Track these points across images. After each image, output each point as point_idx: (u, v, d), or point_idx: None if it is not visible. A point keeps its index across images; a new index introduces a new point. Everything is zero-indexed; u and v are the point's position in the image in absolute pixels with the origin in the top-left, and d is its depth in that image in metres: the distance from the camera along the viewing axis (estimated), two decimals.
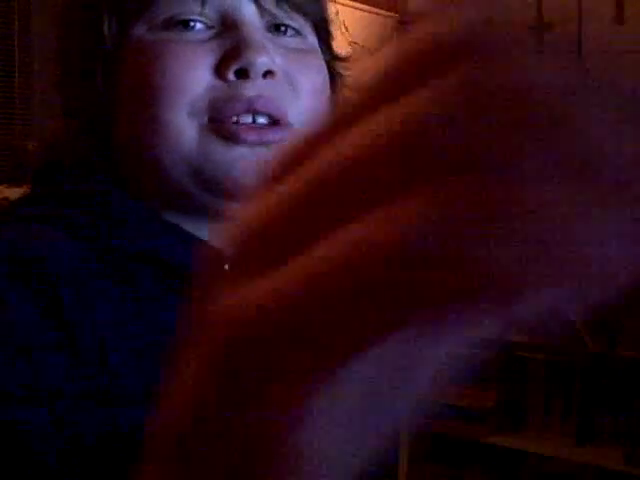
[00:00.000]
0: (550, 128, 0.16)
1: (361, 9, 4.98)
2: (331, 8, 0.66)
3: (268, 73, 0.52)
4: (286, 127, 0.53)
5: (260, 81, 0.52)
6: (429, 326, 0.16)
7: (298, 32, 0.57)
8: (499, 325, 0.17)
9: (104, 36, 0.54)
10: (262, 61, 0.52)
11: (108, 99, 0.55)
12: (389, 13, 5.21)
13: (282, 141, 0.53)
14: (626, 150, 0.16)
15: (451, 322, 0.16)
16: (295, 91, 0.55)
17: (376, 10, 5.10)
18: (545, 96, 0.16)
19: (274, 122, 0.53)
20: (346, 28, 4.80)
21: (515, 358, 2.17)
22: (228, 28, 0.53)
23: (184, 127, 0.52)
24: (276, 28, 0.56)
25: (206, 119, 0.52)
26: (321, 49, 0.60)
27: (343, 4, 4.79)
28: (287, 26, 0.56)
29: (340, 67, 0.64)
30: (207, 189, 0.54)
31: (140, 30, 0.54)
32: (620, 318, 1.93)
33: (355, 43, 4.86)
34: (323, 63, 0.59)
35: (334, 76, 0.62)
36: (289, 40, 0.56)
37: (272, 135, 0.53)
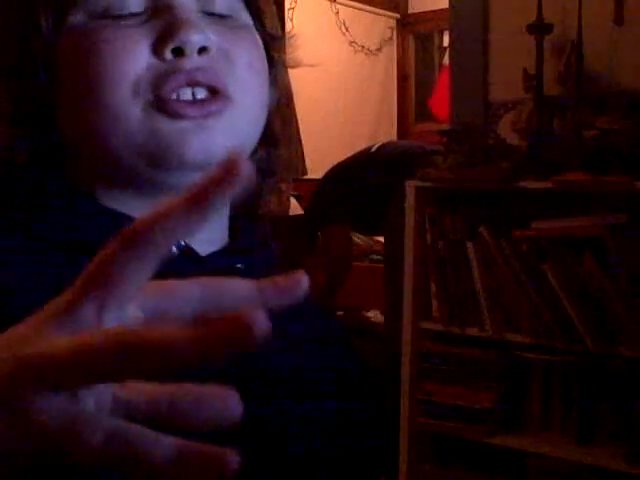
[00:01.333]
0: None
1: (361, 9, 4.98)
2: (331, 8, 0.68)
3: (203, 49, 0.55)
4: (226, 98, 0.56)
5: (196, 57, 0.54)
6: None
7: (231, 13, 0.59)
8: None
9: (41, 27, 0.56)
10: (196, 38, 0.54)
11: (50, 91, 0.57)
12: (389, 13, 5.21)
13: (223, 111, 0.55)
14: None
15: None
16: (232, 66, 0.57)
17: (376, 10, 5.10)
18: None
19: (213, 93, 0.55)
20: (346, 28, 4.80)
21: (515, 358, 2.16)
22: (161, 11, 0.55)
23: (128, 108, 0.54)
24: (209, 11, 0.58)
25: (149, 97, 0.54)
26: (255, 27, 0.62)
27: (343, 4, 4.79)
28: (221, 14, 0.58)
29: (276, 45, 0.66)
30: (154, 164, 0.55)
31: (77, 19, 0.55)
32: (620, 318, 1.93)
33: (355, 43, 4.86)
34: (258, 39, 0.61)
35: (270, 53, 0.64)
36: (223, 20, 0.58)
37: (213, 107, 0.55)
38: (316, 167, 4.55)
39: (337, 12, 4.74)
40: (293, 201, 3.99)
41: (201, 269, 0.57)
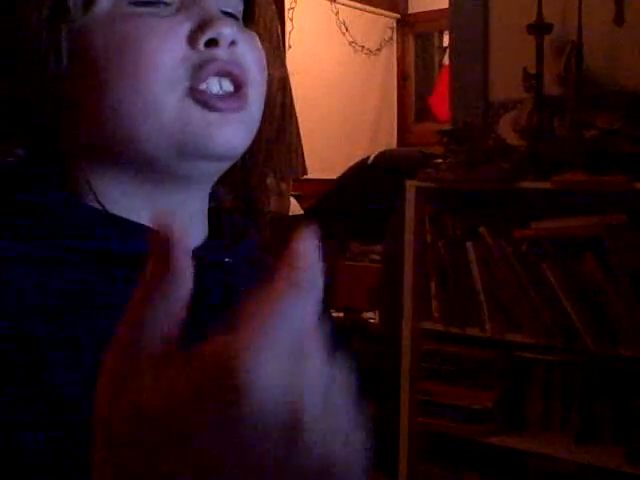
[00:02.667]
0: None
1: (361, 9, 4.98)
2: (331, 8, 0.69)
3: (232, 43, 0.58)
4: (245, 96, 0.59)
5: (227, 49, 0.57)
6: None
7: (237, 15, 0.62)
8: None
9: (69, 10, 0.55)
10: (230, 31, 0.57)
11: (64, 79, 0.56)
12: (389, 13, 5.21)
13: (242, 108, 0.59)
14: None
15: None
16: (248, 65, 0.60)
17: (376, 10, 5.10)
18: None
19: (236, 88, 0.58)
20: (346, 28, 4.79)
21: (515, 358, 2.17)
22: (189, 5, 0.57)
23: (164, 98, 0.55)
24: (225, 10, 0.61)
25: (185, 85, 0.56)
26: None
27: (343, 4, 4.79)
28: (233, 14, 0.62)
29: None
30: (182, 154, 0.57)
31: (105, 5, 0.55)
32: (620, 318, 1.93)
33: (355, 43, 4.86)
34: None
35: None
36: (234, 21, 0.61)
37: (235, 103, 0.58)
38: (316, 167, 4.54)
39: (337, 12, 4.74)
40: (293, 201, 3.99)
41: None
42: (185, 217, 0.60)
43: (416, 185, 2.22)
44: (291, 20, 4.35)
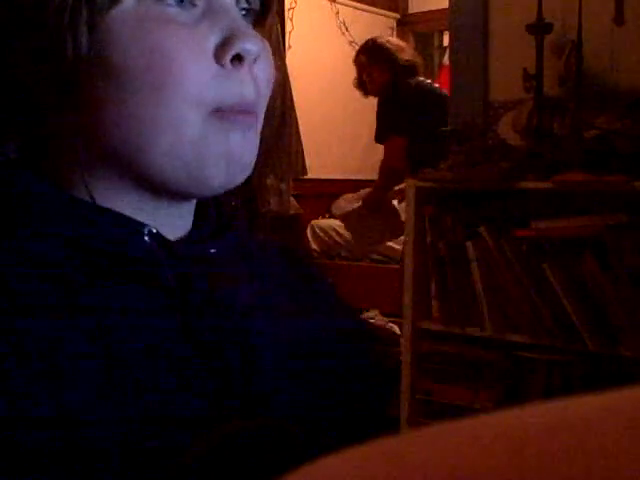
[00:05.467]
0: None
1: (361, 9, 4.98)
2: (331, 8, 0.68)
3: (256, 58, 0.56)
4: (255, 114, 0.57)
5: (251, 66, 0.56)
6: None
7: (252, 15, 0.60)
8: None
9: (96, 2, 0.52)
10: (255, 48, 0.55)
11: (86, 71, 0.52)
12: (389, 13, 5.21)
13: (253, 125, 0.57)
14: None
15: None
16: (262, 82, 0.58)
17: (376, 10, 5.10)
18: None
19: (246, 108, 0.56)
20: (346, 28, 4.80)
21: (515, 358, 2.17)
22: (215, 10, 0.55)
23: (189, 114, 0.53)
24: (244, 7, 0.59)
25: (210, 108, 0.54)
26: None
27: (343, 4, 4.79)
28: (252, 9, 0.60)
29: None
30: (190, 180, 0.55)
31: (131, 1, 0.53)
32: (620, 318, 1.93)
33: (355, 43, 4.86)
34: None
35: None
36: (254, 30, 0.59)
37: (248, 121, 0.57)
38: (316, 167, 4.54)
39: (337, 12, 4.75)
40: (293, 201, 3.99)
41: (173, 255, 0.57)
42: (172, 218, 0.59)
43: (416, 185, 2.22)
44: (291, 20, 4.35)
